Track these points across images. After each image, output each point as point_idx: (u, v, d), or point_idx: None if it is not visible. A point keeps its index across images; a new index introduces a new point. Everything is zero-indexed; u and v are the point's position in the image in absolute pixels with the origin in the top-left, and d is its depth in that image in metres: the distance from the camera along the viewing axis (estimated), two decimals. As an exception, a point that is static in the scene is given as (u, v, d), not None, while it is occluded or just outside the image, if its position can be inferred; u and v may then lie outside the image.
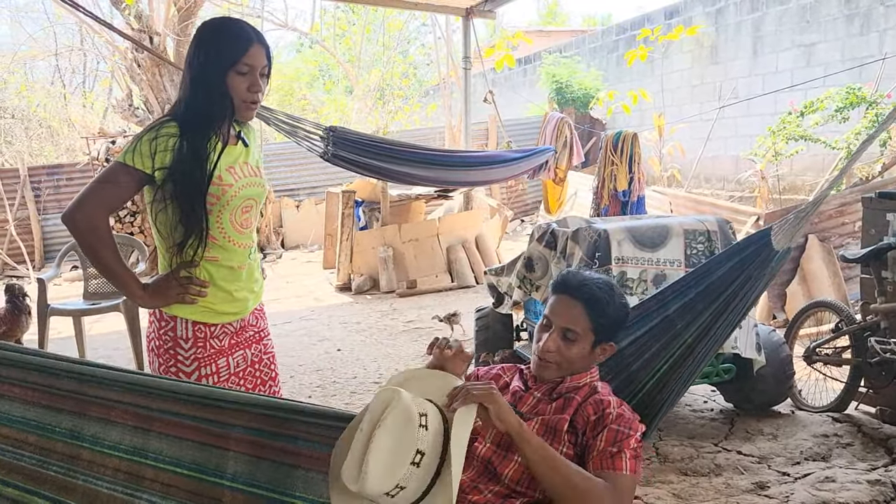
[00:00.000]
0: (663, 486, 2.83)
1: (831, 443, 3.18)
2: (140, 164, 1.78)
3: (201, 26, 1.89)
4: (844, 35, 8.37)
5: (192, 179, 1.79)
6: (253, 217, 1.98)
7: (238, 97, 1.85)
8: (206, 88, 1.82)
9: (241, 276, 1.97)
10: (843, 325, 3.56)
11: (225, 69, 1.81)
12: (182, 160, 1.78)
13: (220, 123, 1.86)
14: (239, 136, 1.97)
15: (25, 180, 9.98)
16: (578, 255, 3.33)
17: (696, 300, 1.92)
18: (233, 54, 1.80)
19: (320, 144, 4.56)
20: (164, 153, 1.78)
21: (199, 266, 1.88)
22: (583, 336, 1.73)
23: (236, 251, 1.94)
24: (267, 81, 1.92)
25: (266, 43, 1.88)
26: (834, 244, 5.42)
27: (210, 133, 1.84)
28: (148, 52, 7.73)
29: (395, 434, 1.40)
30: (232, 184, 1.88)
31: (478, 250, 7.83)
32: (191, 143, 1.80)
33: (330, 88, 20.81)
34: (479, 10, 7.06)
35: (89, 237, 1.82)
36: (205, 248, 1.86)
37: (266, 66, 1.88)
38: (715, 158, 10.03)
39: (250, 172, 1.95)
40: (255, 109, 1.93)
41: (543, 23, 24.68)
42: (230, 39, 1.82)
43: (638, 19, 11.95)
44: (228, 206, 1.88)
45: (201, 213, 1.82)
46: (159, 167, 1.78)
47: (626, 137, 5.46)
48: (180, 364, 1.89)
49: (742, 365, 3.38)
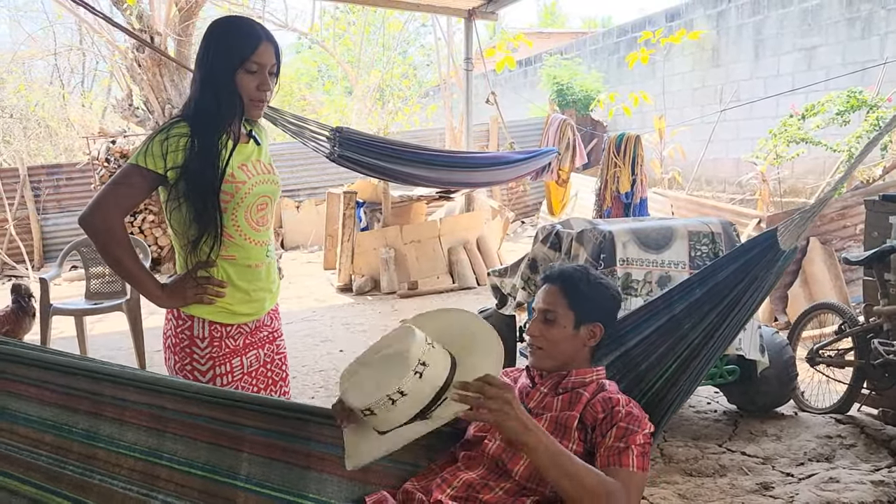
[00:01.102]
0: (668, 486, 2.84)
1: (835, 444, 3.19)
2: (152, 165, 1.80)
3: (211, 25, 1.90)
4: (846, 39, 8.39)
5: (203, 177, 1.81)
6: (269, 214, 1.99)
7: (247, 95, 1.86)
8: (215, 87, 1.83)
9: (260, 274, 1.98)
10: (846, 327, 3.57)
11: (234, 67, 1.82)
12: (193, 159, 1.79)
13: (230, 121, 1.87)
14: (250, 135, 1.98)
15: (25, 180, 9.96)
16: (583, 256, 3.34)
17: (702, 301, 1.93)
18: (242, 53, 1.81)
19: (326, 145, 4.57)
20: (175, 153, 1.80)
21: (216, 266, 1.89)
22: (562, 315, 1.78)
23: (253, 249, 1.95)
24: (276, 80, 1.93)
25: (275, 41, 1.89)
26: (835, 247, 5.44)
27: (220, 131, 1.85)
28: (151, 49, 7.73)
29: (386, 365, 1.56)
30: (245, 181, 1.89)
31: (479, 252, 7.83)
32: (202, 141, 1.81)
33: (329, 89, 20.81)
34: (481, 12, 7.08)
35: (106, 239, 1.83)
36: (220, 247, 1.87)
37: (275, 65, 1.88)
38: (716, 161, 10.05)
39: (263, 170, 1.96)
40: (263, 108, 1.94)
41: (543, 24, 24.72)
42: (239, 38, 1.83)
43: (639, 21, 11.97)
44: (243, 204, 1.89)
45: (214, 211, 1.83)
46: (171, 167, 1.80)
47: (629, 139, 5.48)
48: (195, 363, 1.90)
49: (746, 367, 3.39)
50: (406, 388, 1.50)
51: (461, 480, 1.63)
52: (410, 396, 1.51)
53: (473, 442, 1.75)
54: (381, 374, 1.55)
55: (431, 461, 1.80)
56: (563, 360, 1.78)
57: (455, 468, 1.70)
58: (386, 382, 1.51)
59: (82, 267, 5.00)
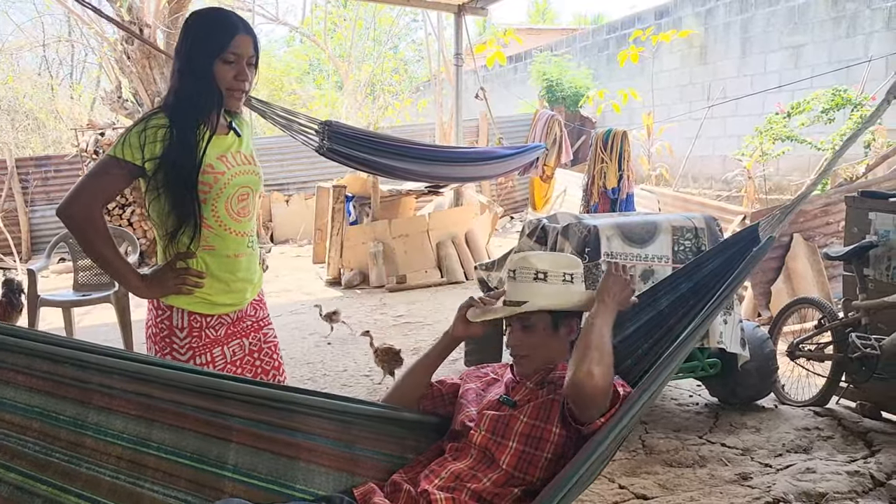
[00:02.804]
0: (649, 476, 2.89)
1: (812, 436, 3.26)
2: (130, 157, 1.81)
3: (190, 16, 1.93)
4: (831, 37, 8.48)
5: (181, 168, 1.83)
6: (250, 206, 2.00)
7: (224, 86, 1.87)
8: (193, 77, 1.85)
9: (240, 265, 1.99)
10: (825, 321, 3.63)
11: (211, 58, 1.84)
12: (171, 150, 1.81)
13: (209, 112, 1.89)
14: (230, 126, 1.99)
15: (13, 172, 9.91)
16: (568, 250, 3.38)
17: (687, 296, 1.97)
18: (219, 43, 1.83)
19: (315, 139, 4.57)
20: (153, 144, 1.82)
21: (195, 257, 1.91)
22: (539, 319, 1.79)
23: (232, 239, 1.96)
24: (255, 71, 1.94)
25: (253, 32, 1.92)
26: (818, 243, 5.51)
27: (198, 122, 1.87)
28: (141, 41, 7.71)
29: (557, 258, 1.90)
30: (224, 171, 1.90)
31: (468, 246, 7.87)
32: (180, 132, 1.83)
33: (320, 83, 20.77)
34: (471, 7, 7.11)
35: (85, 229, 1.85)
36: (199, 237, 1.88)
37: (253, 56, 1.90)
38: (703, 158, 10.12)
39: (243, 160, 1.97)
40: (241, 98, 1.96)
41: (533, 21, 24.73)
42: (216, 28, 1.86)
43: (628, 19, 12.03)
44: (222, 195, 1.90)
45: (192, 202, 1.85)
46: (149, 158, 1.82)
47: (616, 135, 5.53)
48: (175, 352, 1.92)
49: (727, 360, 3.44)
50: (576, 277, 1.83)
51: (449, 471, 1.66)
52: (567, 287, 1.81)
53: (460, 433, 1.78)
54: (555, 260, 1.86)
55: (419, 454, 1.82)
56: (548, 360, 1.80)
57: (443, 459, 1.73)
58: (564, 263, 1.84)
59: (70, 259, 4.99)
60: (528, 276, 1.80)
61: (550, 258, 1.86)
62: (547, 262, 1.82)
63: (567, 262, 1.86)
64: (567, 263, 1.85)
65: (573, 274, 1.83)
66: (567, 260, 1.89)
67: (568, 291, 1.81)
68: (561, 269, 1.81)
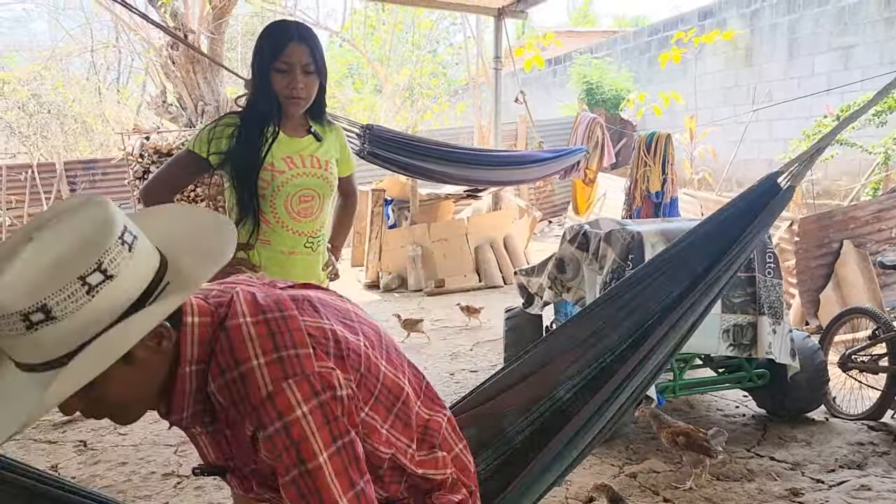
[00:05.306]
0: (695, 490, 2.82)
1: (867, 451, 3.14)
2: (198, 149, 2.03)
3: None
4: (884, 38, 8.23)
5: (243, 163, 2.01)
6: (316, 207, 2.12)
7: (280, 93, 2.01)
8: (257, 86, 2.04)
9: (295, 263, 2.08)
10: (880, 332, 3.51)
11: (267, 67, 1.99)
12: (236, 146, 2.01)
13: (268, 118, 2.03)
14: (310, 131, 2.12)
15: (61, 174, 10.17)
16: (611, 256, 3.32)
17: (705, 242, 1.94)
18: (272, 53, 1.98)
19: (356, 142, 4.59)
20: (219, 140, 2.02)
21: (254, 248, 2.05)
22: None
23: (289, 236, 2.07)
24: (316, 77, 2.04)
25: (311, 40, 2.01)
26: (870, 250, 5.34)
27: (264, 124, 2.02)
28: (185, 46, 7.86)
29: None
30: (284, 171, 2.03)
31: (506, 251, 7.82)
32: (246, 131, 2.02)
33: (359, 87, 20.92)
34: (511, 11, 7.06)
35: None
36: (258, 231, 2.04)
37: (310, 64, 2.00)
38: (748, 162, 9.91)
39: (314, 164, 2.09)
40: (298, 104, 2.05)
41: (573, 23, 24.57)
42: (270, 40, 2.02)
43: (671, 20, 11.85)
44: (280, 192, 2.03)
45: (252, 197, 2.00)
46: (214, 152, 2.02)
47: (659, 138, 5.44)
48: None
49: (776, 370, 3.34)
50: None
51: None
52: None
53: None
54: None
55: None
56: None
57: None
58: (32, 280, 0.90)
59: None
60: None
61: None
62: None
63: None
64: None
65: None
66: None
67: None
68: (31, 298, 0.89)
